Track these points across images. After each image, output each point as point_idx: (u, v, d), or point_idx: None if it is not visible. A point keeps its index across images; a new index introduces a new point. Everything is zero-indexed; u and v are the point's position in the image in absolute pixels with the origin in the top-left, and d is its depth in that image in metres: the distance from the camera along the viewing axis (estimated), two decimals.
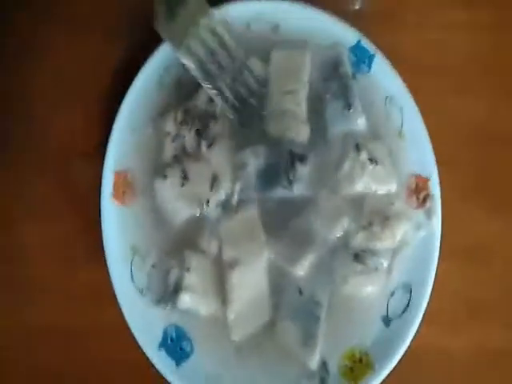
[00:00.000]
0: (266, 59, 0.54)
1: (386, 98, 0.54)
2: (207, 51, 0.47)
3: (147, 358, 0.48)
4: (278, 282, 0.50)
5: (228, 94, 0.51)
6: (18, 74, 0.58)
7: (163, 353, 0.48)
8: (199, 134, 0.52)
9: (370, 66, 0.54)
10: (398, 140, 0.53)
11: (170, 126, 0.52)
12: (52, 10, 0.58)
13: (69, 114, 0.57)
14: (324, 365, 0.48)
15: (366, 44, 0.54)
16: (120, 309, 0.48)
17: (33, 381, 0.53)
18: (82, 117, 0.57)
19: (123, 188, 0.52)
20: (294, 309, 0.49)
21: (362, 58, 0.54)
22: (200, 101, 0.52)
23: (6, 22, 0.58)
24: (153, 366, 0.48)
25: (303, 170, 0.51)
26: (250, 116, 0.52)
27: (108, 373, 0.53)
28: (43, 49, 0.58)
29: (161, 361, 0.48)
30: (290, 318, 0.49)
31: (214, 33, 0.47)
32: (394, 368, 0.48)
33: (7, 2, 0.58)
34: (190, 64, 0.47)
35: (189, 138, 0.52)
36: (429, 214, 0.51)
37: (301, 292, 0.49)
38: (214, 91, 0.50)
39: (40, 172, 0.56)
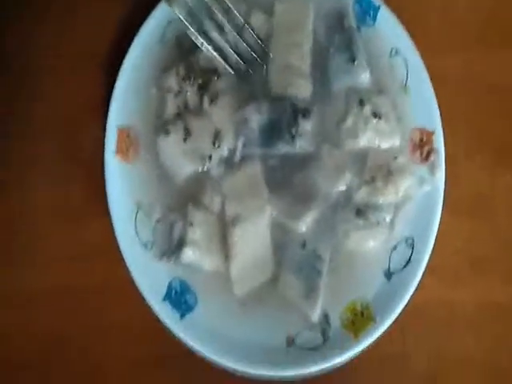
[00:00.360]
0: (269, 12, 0.53)
1: (391, 51, 0.53)
2: (201, 6, 0.47)
3: (152, 313, 0.49)
4: (281, 238, 0.50)
5: (227, 51, 0.50)
6: (19, 34, 0.57)
7: (168, 305, 0.49)
8: (201, 89, 0.51)
9: (375, 19, 0.53)
10: (403, 94, 0.52)
11: (172, 82, 0.52)
12: None
13: (73, 72, 0.57)
14: (326, 317, 0.49)
15: None
16: (125, 264, 0.49)
17: (41, 345, 0.53)
18: (86, 75, 0.57)
19: (126, 145, 0.52)
20: (296, 263, 0.50)
21: (367, 10, 0.53)
22: (202, 56, 0.52)
23: None
24: (158, 319, 0.49)
25: (306, 125, 0.51)
26: (251, 73, 0.52)
27: (113, 331, 0.53)
28: (44, 8, 0.58)
29: (165, 313, 0.49)
30: (293, 272, 0.49)
31: None
32: (396, 321, 0.49)
33: None
34: (184, 20, 0.47)
35: (191, 93, 0.51)
36: (432, 169, 0.51)
37: (304, 245, 0.50)
38: (212, 49, 0.49)
39: (45, 133, 0.56)
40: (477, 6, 0.58)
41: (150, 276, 0.49)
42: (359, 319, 0.49)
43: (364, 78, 0.52)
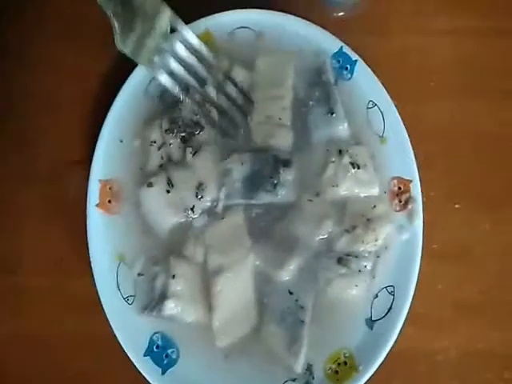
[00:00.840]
0: (250, 67, 0.55)
1: (368, 103, 0.55)
2: (180, 64, 0.48)
3: (135, 367, 0.48)
4: (264, 288, 0.51)
5: (208, 106, 0.52)
6: (7, 84, 0.58)
7: (149, 361, 0.48)
8: (185, 141, 0.53)
9: (352, 73, 0.55)
10: (380, 144, 0.54)
11: (155, 135, 0.53)
12: (41, 21, 0.59)
13: (57, 123, 0.58)
14: (309, 368, 0.49)
15: (348, 51, 0.55)
16: (106, 317, 0.49)
17: None
18: (70, 126, 0.58)
19: (109, 197, 0.52)
20: (279, 313, 0.50)
21: (344, 65, 0.55)
22: (186, 109, 0.53)
23: None
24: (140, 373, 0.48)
25: (287, 175, 0.52)
26: (232, 127, 0.53)
27: (96, 381, 0.53)
28: (29, 58, 0.59)
29: (146, 369, 0.48)
30: (276, 322, 0.49)
31: (186, 45, 0.48)
32: (379, 370, 0.49)
33: None
34: (161, 78, 0.48)
35: (174, 145, 0.52)
36: (411, 217, 0.52)
37: (291, 293, 0.50)
38: (194, 104, 0.51)
39: (28, 182, 0.57)
40: (452, 57, 0.60)
41: (131, 330, 0.49)
42: (342, 369, 0.49)
43: (342, 129, 0.54)
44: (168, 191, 0.51)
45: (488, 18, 0.61)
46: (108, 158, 0.53)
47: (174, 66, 0.48)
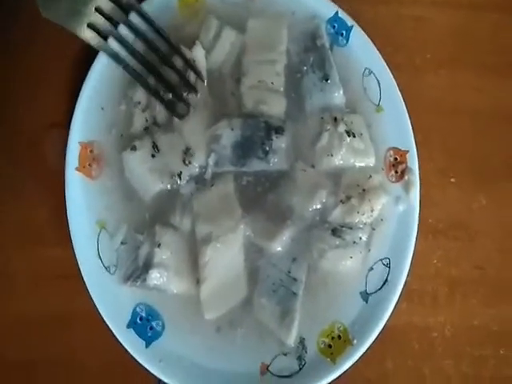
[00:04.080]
0: (241, 29, 0.52)
1: (364, 71, 0.53)
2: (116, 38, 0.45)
3: (116, 339, 0.45)
4: (255, 259, 0.48)
5: (153, 84, 0.48)
6: None
7: (132, 332, 0.46)
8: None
9: (347, 39, 0.53)
10: (376, 113, 0.52)
11: (140, 95, 0.49)
12: None
13: (36, 88, 0.54)
14: (301, 341, 0.47)
15: (344, 16, 0.53)
16: (86, 288, 0.46)
17: (2, 369, 0.50)
18: (49, 90, 0.54)
19: (89, 160, 0.49)
20: (270, 285, 0.47)
21: (339, 30, 0.53)
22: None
23: None
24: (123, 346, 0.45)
25: (280, 142, 0.49)
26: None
27: (79, 355, 0.50)
28: (12, 23, 0.55)
29: (129, 341, 0.45)
30: (267, 295, 0.47)
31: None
32: (374, 345, 0.47)
33: None
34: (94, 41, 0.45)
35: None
36: (407, 188, 0.50)
37: (283, 264, 0.48)
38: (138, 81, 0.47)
39: (8, 146, 0.53)
40: (448, 29, 0.59)
41: (112, 301, 0.46)
42: (336, 343, 0.47)
43: (337, 96, 0.52)
44: (153, 155, 0.48)
45: None
46: (89, 119, 0.49)
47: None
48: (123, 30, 0.46)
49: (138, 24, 0.46)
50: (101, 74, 0.50)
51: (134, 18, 0.46)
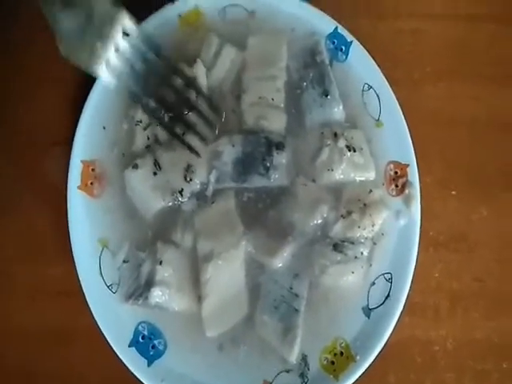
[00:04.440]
0: (241, 46, 0.52)
1: (364, 86, 0.53)
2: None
3: (119, 359, 0.45)
4: (256, 275, 0.48)
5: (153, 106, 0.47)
6: None
7: (134, 351, 0.46)
8: (172, 121, 0.50)
9: (347, 54, 0.54)
10: (376, 128, 0.52)
11: (141, 114, 0.50)
12: (17, 5, 0.56)
13: (37, 106, 0.54)
14: (304, 358, 0.47)
15: (343, 31, 0.53)
16: (89, 307, 0.46)
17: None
18: (50, 109, 0.54)
19: (91, 179, 0.49)
20: (272, 301, 0.47)
21: (339, 46, 0.54)
22: (174, 88, 0.50)
23: None
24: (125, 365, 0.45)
25: (280, 158, 0.50)
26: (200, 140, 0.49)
27: (80, 373, 0.50)
28: (10, 39, 0.55)
29: (131, 360, 0.45)
30: (269, 312, 0.47)
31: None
32: (377, 359, 0.47)
33: None
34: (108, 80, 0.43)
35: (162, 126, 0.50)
36: (408, 201, 0.50)
37: (285, 281, 0.48)
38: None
39: (9, 164, 0.53)
40: (447, 42, 0.59)
41: (115, 320, 0.46)
42: (339, 359, 0.47)
43: (337, 111, 0.52)
44: (155, 173, 0.48)
45: (481, 3, 0.60)
46: (91, 138, 0.50)
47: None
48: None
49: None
50: (102, 92, 0.50)
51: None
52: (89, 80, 0.51)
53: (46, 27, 0.54)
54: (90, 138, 0.50)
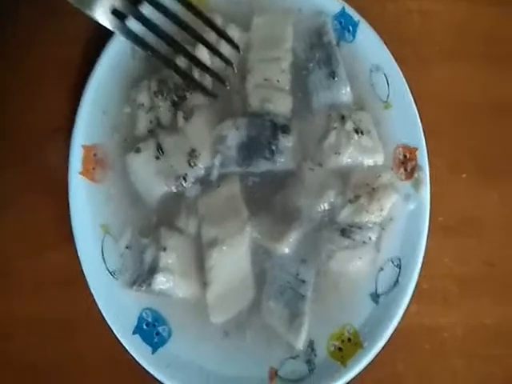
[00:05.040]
0: (246, 26, 0.51)
1: (371, 66, 0.52)
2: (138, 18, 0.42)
3: (123, 346, 0.45)
4: (262, 261, 0.47)
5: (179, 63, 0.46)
6: None
7: (138, 339, 0.45)
8: (175, 104, 0.49)
9: (354, 34, 0.52)
10: (384, 110, 0.51)
11: (143, 97, 0.48)
12: None
13: (35, 92, 0.53)
14: (311, 345, 0.46)
15: (350, 11, 0.52)
16: (91, 293, 0.45)
17: (7, 373, 0.50)
18: (49, 94, 0.53)
19: (93, 164, 0.48)
20: (278, 287, 0.46)
21: (346, 26, 0.52)
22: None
23: None
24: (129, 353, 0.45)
25: (286, 141, 0.48)
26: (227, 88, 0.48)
27: (84, 361, 0.49)
28: (11, 25, 0.54)
29: (135, 347, 0.45)
30: (275, 298, 0.46)
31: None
32: (384, 347, 0.46)
33: None
34: (118, 33, 0.42)
35: (164, 109, 0.48)
36: (417, 186, 0.49)
37: (291, 266, 0.47)
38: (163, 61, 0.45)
39: (10, 151, 0.52)
40: (456, 20, 0.57)
41: (118, 307, 0.45)
42: (347, 346, 0.47)
43: (345, 93, 0.50)
44: (158, 158, 0.47)
45: None
46: (92, 122, 0.49)
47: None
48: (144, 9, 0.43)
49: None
50: (103, 75, 0.49)
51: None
52: (89, 64, 0.50)
53: (48, 10, 0.53)
54: (90, 123, 0.48)
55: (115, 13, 0.42)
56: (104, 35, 0.50)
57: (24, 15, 0.54)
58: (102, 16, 0.41)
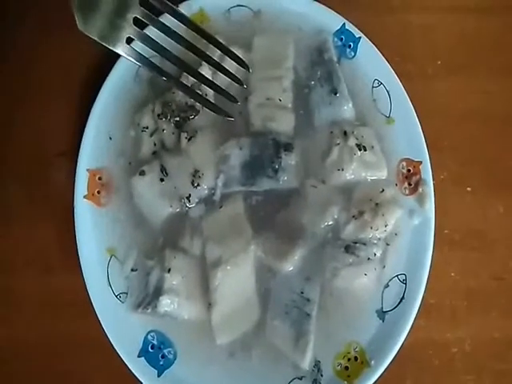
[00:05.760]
0: (247, 47, 0.51)
1: (373, 82, 0.52)
2: (151, 44, 0.43)
3: (129, 369, 0.45)
4: (266, 280, 0.47)
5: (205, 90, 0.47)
6: None
7: (144, 361, 0.45)
8: (179, 126, 0.49)
9: (355, 51, 0.52)
10: (387, 125, 0.51)
11: (147, 120, 0.49)
12: (23, 13, 0.55)
13: (43, 112, 0.54)
14: (317, 365, 0.46)
15: (351, 28, 0.52)
16: (97, 316, 0.45)
17: None
18: (54, 119, 0.54)
19: (98, 187, 0.49)
20: (283, 307, 0.46)
21: (347, 42, 0.52)
22: (180, 93, 0.49)
23: None
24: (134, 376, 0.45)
25: (289, 159, 0.48)
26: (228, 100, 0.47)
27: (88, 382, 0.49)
28: (14, 49, 0.55)
29: (141, 370, 0.45)
30: (280, 317, 0.46)
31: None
32: (392, 363, 0.46)
33: None
34: (131, 59, 0.43)
35: (168, 131, 0.49)
36: (422, 200, 0.49)
37: (296, 285, 0.47)
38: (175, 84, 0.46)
39: (16, 175, 0.53)
40: (456, 35, 0.57)
41: (124, 330, 0.46)
42: (353, 364, 0.46)
43: (347, 109, 0.50)
44: (162, 180, 0.48)
45: None
46: (97, 146, 0.49)
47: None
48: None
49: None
50: (107, 100, 0.50)
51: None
52: (93, 88, 0.50)
53: (52, 33, 0.54)
54: (95, 147, 0.49)
55: (129, 41, 0.43)
56: (107, 59, 0.51)
57: (25, 43, 0.55)
58: (123, 48, 0.43)
